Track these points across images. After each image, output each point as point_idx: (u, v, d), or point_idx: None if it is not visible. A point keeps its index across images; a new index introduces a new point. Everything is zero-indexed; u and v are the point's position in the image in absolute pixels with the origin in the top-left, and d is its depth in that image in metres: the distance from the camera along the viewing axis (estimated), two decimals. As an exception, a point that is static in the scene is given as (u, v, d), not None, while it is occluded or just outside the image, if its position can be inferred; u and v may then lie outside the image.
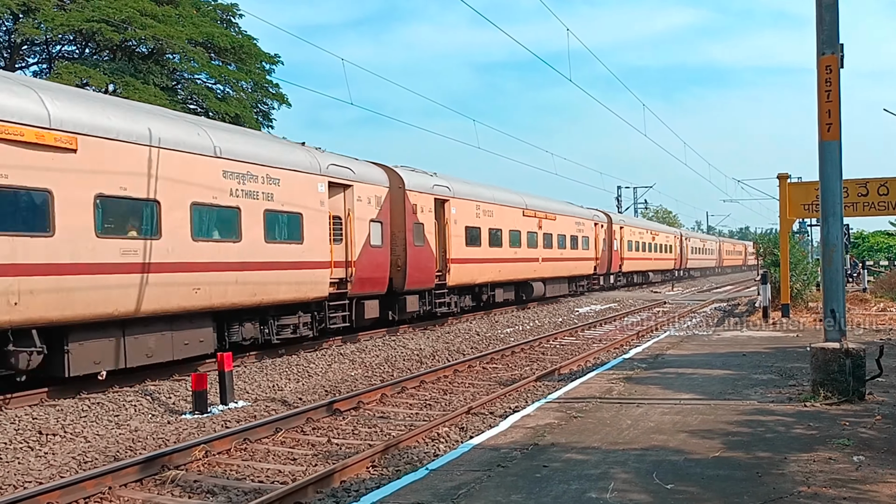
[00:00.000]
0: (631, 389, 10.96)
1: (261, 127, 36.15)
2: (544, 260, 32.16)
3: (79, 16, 28.75)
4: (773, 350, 14.93)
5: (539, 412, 9.52)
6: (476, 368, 16.31)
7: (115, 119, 12.50)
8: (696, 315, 28.72)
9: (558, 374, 14.92)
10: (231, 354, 12.58)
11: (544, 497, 6.02)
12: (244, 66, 35.26)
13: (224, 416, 11.52)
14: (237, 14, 36.23)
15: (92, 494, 7.78)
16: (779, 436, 7.83)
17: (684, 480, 6.33)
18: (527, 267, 30.38)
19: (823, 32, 9.71)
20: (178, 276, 13.34)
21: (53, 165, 11.33)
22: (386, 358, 17.38)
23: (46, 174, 11.22)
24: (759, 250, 31.72)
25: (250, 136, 16.96)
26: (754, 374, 11.90)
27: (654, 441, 7.73)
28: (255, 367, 15.17)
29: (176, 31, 30.98)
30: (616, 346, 19.39)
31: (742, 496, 5.87)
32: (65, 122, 11.54)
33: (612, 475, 6.54)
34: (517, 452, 7.46)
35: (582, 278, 39.25)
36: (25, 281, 10.76)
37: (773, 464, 6.74)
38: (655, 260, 53.41)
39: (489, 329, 23.71)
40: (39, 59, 34.09)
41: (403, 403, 12.74)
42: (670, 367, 13.22)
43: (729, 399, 9.95)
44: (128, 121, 12.76)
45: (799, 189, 21.76)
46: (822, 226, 10.02)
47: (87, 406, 11.52)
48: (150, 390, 12.77)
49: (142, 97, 27.69)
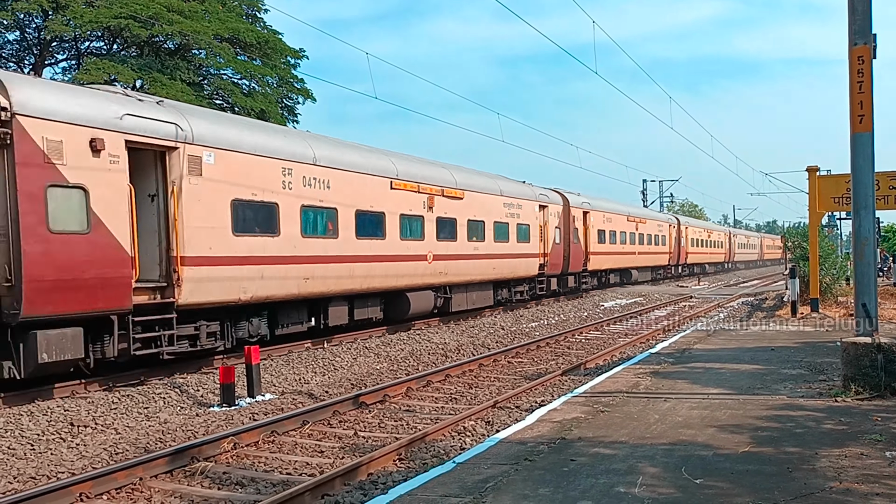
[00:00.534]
0: (658, 384, 10.90)
1: (286, 122, 36.33)
2: (639, 253, 43.55)
3: (107, 12, 29.05)
4: (803, 345, 14.77)
5: (565, 406, 9.50)
6: (501, 363, 16.30)
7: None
8: (722, 309, 28.46)
9: (584, 368, 14.87)
10: (258, 347, 12.68)
11: (572, 491, 6.01)
12: (269, 62, 35.43)
13: (251, 408, 11.62)
14: (262, 9, 36.37)
15: (123, 485, 7.88)
16: (809, 431, 7.75)
17: (713, 475, 6.29)
18: (629, 258, 41.62)
19: (856, 22, 9.56)
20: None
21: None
22: (411, 352, 17.42)
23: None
24: (788, 244, 31.37)
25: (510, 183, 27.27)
26: (783, 369, 11.78)
27: (683, 436, 7.69)
28: (282, 360, 15.29)
29: (202, 26, 31.21)
30: (642, 340, 19.28)
31: (772, 491, 5.82)
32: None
33: (640, 469, 6.51)
34: (544, 446, 7.45)
35: (659, 268, 50.77)
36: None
37: (803, 459, 6.68)
38: (711, 254, 63.02)
39: (514, 323, 23.68)
40: (68, 56, 34.51)
41: (429, 397, 12.77)
42: (698, 361, 13.12)
43: (758, 394, 9.86)
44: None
45: (829, 182, 21.46)
46: (854, 219, 9.88)
47: (118, 398, 11.68)
48: (178, 383, 12.91)
49: (168, 93, 27.94)
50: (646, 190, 68.38)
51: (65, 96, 11.67)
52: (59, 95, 11.59)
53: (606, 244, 37.22)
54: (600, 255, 36.23)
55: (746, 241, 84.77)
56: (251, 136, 15.12)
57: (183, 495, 7.69)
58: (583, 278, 34.88)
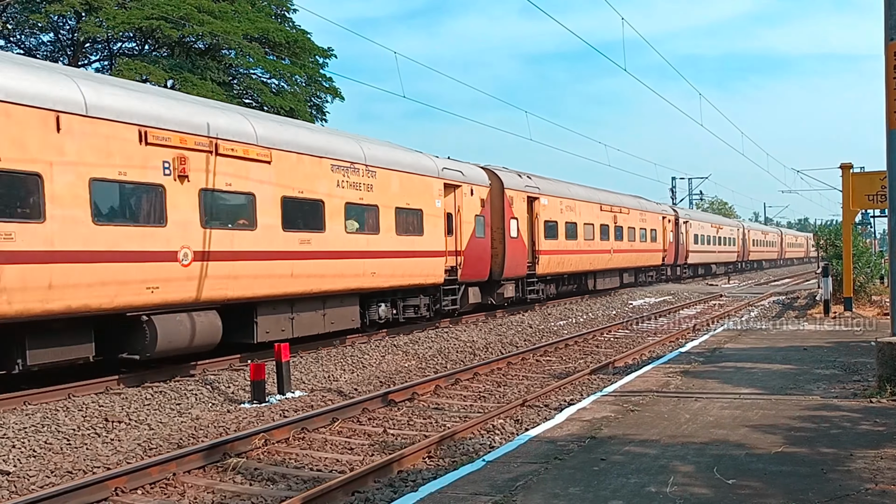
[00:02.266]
0: (688, 383, 10.82)
1: (314, 120, 36.54)
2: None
3: (139, 13, 29.41)
4: (836, 344, 14.57)
5: (595, 405, 9.47)
6: (529, 361, 16.27)
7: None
8: (753, 308, 28.13)
9: (613, 367, 14.79)
10: (288, 345, 12.78)
11: (603, 490, 5.99)
12: (298, 61, 35.66)
13: (282, 405, 11.72)
14: (291, 9, 36.61)
15: (157, 480, 7.99)
16: (844, 432, 7.64)
17: (746, 475, 6.23)
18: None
19: (892, 17, 9.40)
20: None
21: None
22: (439, 350, 17.45)
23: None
24: (820, 242, 30.93)
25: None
26: (816, 369, 11.64)
27: (714, 435, 7.62)
28: (311, 357, 15.39)
29: (232, 26, 31.49)
30: (672, 339, 19.13)
31: (807, 492, 5.75)
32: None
33: (671, 469, 6.47)
34: (574, 445, 7.43)
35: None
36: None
37: (838, 460, 6.59)
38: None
39: (542, 321, 23.61)
40: (101, 57, 35.00)
41: (458, 395, 12.78)
42: (728, 360, 13.00)
43: (790, 394, 9.75)
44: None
45: (863, 179, 21.15)
46: (890, 217, 9.73)
47: (151, 394, 11.84)
48: (210, 379, 13.05)
49: (199, 92, 28.23)
50: (675, 188, 67.87)
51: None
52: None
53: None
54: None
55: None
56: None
57: (216, 490, 7.78)
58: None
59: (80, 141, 11.17)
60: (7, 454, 8.84)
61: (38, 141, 10.64)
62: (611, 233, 33.78)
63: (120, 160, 11.76)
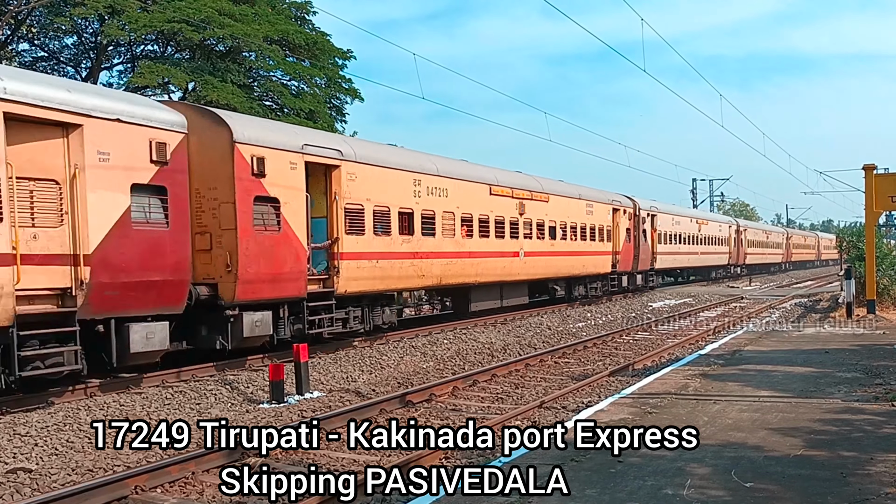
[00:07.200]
0: (707, 386, 10.76)
1: (334, 121, 36.68)
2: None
3: (161, 17, 29.66)
4: (858, 347, 14.42)
5: (612, 407, 9.44)
6: (548, 363, 16.23)
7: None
8: (774, 311, 27.90)
9: (632, 369, 14.73)
10: (306, 346, 12.83)
11: (619, 492, 5.97)
12: (318, 63, 35.79)
13: (300, 405, 11.77)
14: (311, 11, 36.78)
15: (176, 479, 8.06)
16: (865, 435, 7.57)
17: (764, 478, 6.19)
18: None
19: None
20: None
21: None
22: (457, 351, 17.45)
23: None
24: (842, 244, 30.60)
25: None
26: (838, 372, 11.53)
27: (732, 438, 7.58)
28: (329, 358, 15.45)
29: (252, 29, 31.67)
30: (691, 341, 19.00)
31: (825, 496, 5.71)
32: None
33: (688, 471, 6.44)
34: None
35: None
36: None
37: (858, 464, 6.53)
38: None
39: (561, 323, 23.55)
40: (123, 60, 35.34)
41: (475, 396, 12.78)
42: (748, 363, 12.91)
43: (811, 397, 9.66)
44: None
45: (887, 180, 20.96)
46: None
47: (171, 394, 11.94)
48: (229, 379, 13.14)
49: (220, 95, 28.42)
50: (695, 189, 67.43)
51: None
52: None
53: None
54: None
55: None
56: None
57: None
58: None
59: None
60: (30, 452, 8.96)
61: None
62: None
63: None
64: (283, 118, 29.68)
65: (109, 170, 11.26)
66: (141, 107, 12.26)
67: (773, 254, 68.05)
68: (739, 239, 55.18)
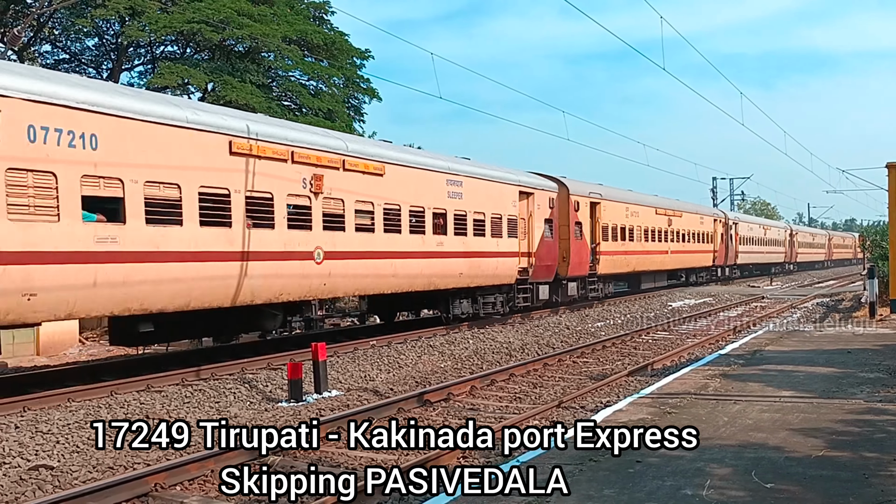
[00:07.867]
0: (727, 386, 10.67)
1: (352, 122, 36.77)
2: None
3: (180, 17, 29.87)
4: (882, 347, 14.26)
5: (631, 407, 9.39)
6: (566, 362, 16.18)
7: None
8: (796, 310, 27.65)
9: (651, 369, 14.64)
10: (325, 344, 12.88)
11: (637, 492, 5.94)
12: (336, 62, 35.89)
13: (318, 404, 11.81)
14: (329, 11, 36.89)
15: (195, 477, 8.12)
16: (889, 436, 7.48)
17: (784, 479, 6.13)
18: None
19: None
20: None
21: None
22: (475, 350, 17.44)
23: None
24: (866, 243, 30.26)
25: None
26: (861, 373, 11.40)
27: (753, 438, 7.51)
28: (348, 357, 15.49)
29: (271, 29, 31.82)
30: (711, 341, 18.87)
31: (847, 497, 5.64)
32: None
33: (708, 472, 6.39)
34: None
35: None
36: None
37: (881, 465, 6.45)
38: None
39: (579, 322, 23.47)
40: (143, 61, 35.62)
41: (493, 396, 12.76)
42: (769, 363, 12.80)
43: (833, 397, 9.56)
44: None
45: (910, 178, 20.63)
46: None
47: (190, 393, 12.02)
48: (248, 378, 13.21)
49: (239, 95, 28.56)
50: (716, 188, 66.91)
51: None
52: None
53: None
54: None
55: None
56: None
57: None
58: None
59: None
60: (51, 449, 9.05)
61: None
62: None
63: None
64: (301, 118, 29.75)
65: (539, 213, 24.18)
66: (544, 181, 25.41)
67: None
68: (794, 241, 62.67)
